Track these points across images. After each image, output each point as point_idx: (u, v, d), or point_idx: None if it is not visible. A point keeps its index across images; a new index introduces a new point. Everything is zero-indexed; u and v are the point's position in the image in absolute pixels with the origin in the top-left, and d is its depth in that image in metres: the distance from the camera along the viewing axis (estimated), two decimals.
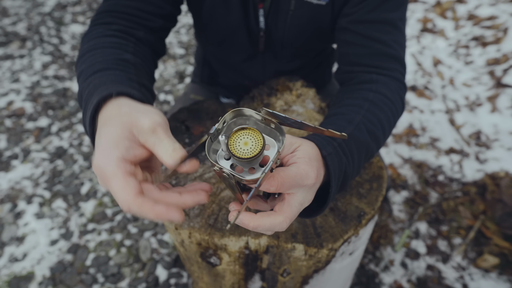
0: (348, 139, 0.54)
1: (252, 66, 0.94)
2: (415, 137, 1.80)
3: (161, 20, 0.71)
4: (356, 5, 0.71)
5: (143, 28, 0.68)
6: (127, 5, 0.67)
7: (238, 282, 0.76)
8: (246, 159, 0.37)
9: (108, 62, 0.56)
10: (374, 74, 0.68)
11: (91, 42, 0.61)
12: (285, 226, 0.43)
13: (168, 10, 0.72)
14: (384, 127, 0.62)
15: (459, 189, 1.55)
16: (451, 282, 1.28)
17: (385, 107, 0.63)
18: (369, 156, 0.60)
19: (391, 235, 1.42)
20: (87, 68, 0.56)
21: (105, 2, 0.69)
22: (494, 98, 1.87)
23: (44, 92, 2.17)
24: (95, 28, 0.65)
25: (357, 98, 0.64)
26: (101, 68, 0.55)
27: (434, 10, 2.53)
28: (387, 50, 0.69)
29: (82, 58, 0.59)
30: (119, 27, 0.65)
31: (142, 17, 0.68)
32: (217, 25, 0.81)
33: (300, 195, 0.44)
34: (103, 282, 1.33)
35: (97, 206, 1.58)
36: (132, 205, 0.38)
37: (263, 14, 0.79)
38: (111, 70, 0.54)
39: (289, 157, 0.45)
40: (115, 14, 0.66)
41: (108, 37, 0.62)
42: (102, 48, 0.59)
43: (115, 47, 0.60)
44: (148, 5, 0.68)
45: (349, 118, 0.59)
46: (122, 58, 0.58)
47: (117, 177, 0.39)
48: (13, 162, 1.77)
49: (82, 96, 0.53)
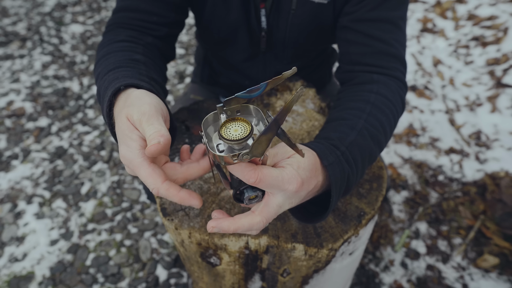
0: (352, 146, 0.55)
1: (253, 66, 0.93)
2: (415, 137, 1.80)
3: (166, 29, 0.74)
4: (357, 4, 0.71)
5: (150, 36, 0.72)
6: (132, 17, 0.71)
7: (238, 282, 0.76)
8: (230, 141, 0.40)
9: (121, 62, 0.60)
10: (375, 74, 0.68)
11: (105, 48, 0.66)
12: (262, 226, 0.45)
13: (172, 18, 0.74)
14: (386, 130, 0.62)
15: (459, 189, 1.55)
16: (451, 282, 1.28)
17: (387, 109, 0.63)
18: (372, 160, 0.60)
19: (391, 235, 1.42)
20: (102, 70, 0.60)
21: (113, 15, 0.74)
22: (494, 98, 1.87)
23: (44, 92, 2.17)
24: (106, 36, 0.71)
25: (359, 101, 0.64)
26: (114, 67, 0.59)
27: (434, 10, 2.53)
28: (388, 49, 0.69)
29: (98, 63, 0.64)
30: (128, 34, 0.70)
31: (147, 27, 0.72)
32: (219, 25, 0.82)
33: (280, 197, 0.45)
34: (103, 282, 1.33)
35: (97, 206, 1.58)
36: (160, 190, 0.44)
37: (265, 14, 0.79)
38: (123, 67, 0.59)
39: (281, 162, 0.46)
40: (123, 25, 0.71)
41: (119, 42, 0.67)
42: (115, 52, 0.64)
43: (126, 50, 0.65)
44: (152, 16, 0.72)
45: (352, 124, 0.59)
46: (133, 58, 0.63)
47: (144, 166, 0.44)
48: (13, 162, 1.77)
49: (100, 94, 0.58)
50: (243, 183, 0.45)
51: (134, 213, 1.54)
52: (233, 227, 0.44)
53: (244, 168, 0.42)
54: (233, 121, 0.42)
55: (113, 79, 0.55)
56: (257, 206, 0.46)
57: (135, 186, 1.65)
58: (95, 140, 1.88)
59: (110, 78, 0.56)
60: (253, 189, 0.46)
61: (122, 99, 0.51)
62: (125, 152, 0.46)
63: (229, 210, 0.66)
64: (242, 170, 0.42)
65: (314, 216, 0.54)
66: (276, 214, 0.46)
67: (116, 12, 0.74)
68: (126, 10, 0.72)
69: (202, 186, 0.70)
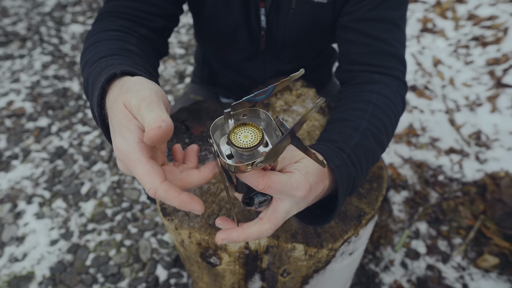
0: (357, 148, 0.55)
1: (253, 66, 0.93)
2: (415, 137, 1.80)
3: (162, 21, 0.71)
4: (357, 3, 0.71)
5: (145, 27, 0.69)
6: (128, 6, 0.68)
7: (238, 282, 0.76)
8: (241, 149, 0.39)
9: (113, 50, 0.56)
10: (375, 74, 0.68)
11: (95, 36, 0.62)
12: (270, 233, 0.45)
13: (169, 10, 0.72)
14: (388, 131, 0.62)
15: (459, 189, 1.55)
16: (451, 282, 1.28)
17: (388, 109, 0.63)
18: (375, 161, 0.60)
19: (391, 235, 1.42)
20: (92, 57, 0.55)
21: (106, 3, 0.70)
22: (494, 98, 1.87)
23: (44, 92, 2.17)
24: (97, 24, 0.66)
25: (361, 102, 0.64)
26: (107, 54, 0.54)
27: (434, 10, 2.53)
28: (388, 49, 0.69)
29: (87, 51, 0.59)
30: (121, 24, 0.66)
31: (144, 17, 0.69)
32: (218, 24, 0.81)
33: (288, 203, 0.45)
34: (103, 282, 1.33)
35: (97, 206, 1.58)
36: (158, 191, 0.38)
37: (264, 13, 0.79)
38: (117, 55, 0.54)
39: (288, 167, 0.46)
40: (117, 15, 0.68)
41: (112, 31, 0.63)
42: (106, 40, 0.60)
43: (119, 39, 0.61)
44: (149, 6, 0.69)
45: (355, 125, 0.59)
46: (127, 48, 0.59)
47: (141, 162, 0.39)
48: (13, 162, 1.77)
49: (88, 82, 0.52)
50: (252, 189, 0.44)
51: (134, 213, 1.54)
52: (242, 237, 0.43)
53: (252, 174, 0.41)
54: (243, 126, 0.40)
55: (106, 66, 0.50)
56: (265, 213, 0.45)
57: (135, 186, 1.65)
58: (95, 140, 1.88)
59: (103, 65, 0.51)
60: (263, 193, 0.45)
61: (117, 86, 0.45)
62: (121, 145, 0.40)
63: (229, 210, 0.66)
64: (251, 176, 0.41)
65: (319, 218, 0.53)
66: (284, 220, 0.45)
67: (109, 0, 0.69)
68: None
69: (202, 186, 0.70)
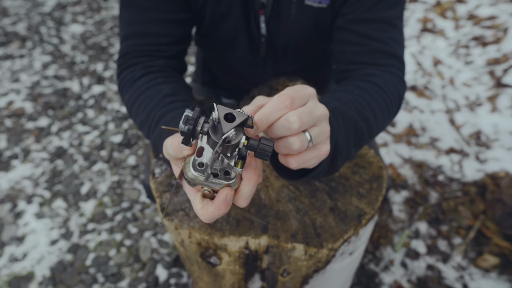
0: (334, 111, 0.53)
1: (253, 70, 0.94)
2: (415, 137, 1.80)
3: (175, 47, 0.75)
4: (353, 4, 0.71)
5: (161, 58, 0.73)
6: (142, 43, 0.72)
7: (238, 282, 0.76)
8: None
9: (159, 106, 0.62)
10: (369, 69, 0.68)
11: (130, 90, 0.68)
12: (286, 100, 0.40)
13: (180, 34, 0.74)
14: (376, 113, 0.60)
15: (459, 189, 1.55)
16: (451, 282, 1.28)
17: (376, 94, 0.62)
18: (358, 135, 0.56)
19: (391, 235, 1.42)
20: (146, 118, 0.63)
21: (122, 43, 0.74)
22: (494, 98, 1.87)
23: (44, 92, 2.17)
24: (124, 72, 0.72)
25: (347, 86, 0.64)
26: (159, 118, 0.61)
27: (434, 10, 2.53)
28: (383, 48, 0.69)
29: (133, 108, 0.67)
30: (142, 64, 0.71)
31: (159, 49, 0.72)
32: (218, 32, 0.82)
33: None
34: (103, 282, 1.33)
35: (97, 206, 1.58)
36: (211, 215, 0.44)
37: (264, 20, 0.79)
38: (166, 114, 0.60)
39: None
40: (135, 54, 0.72)
41: (140, 79, 0.69)
42: (145, 93, 0.66)
43: (151, 86, 0.67)
44: (161, 38, 0.72)
45: (337, 96, 0.59)
46: (163, 95, 0.64)
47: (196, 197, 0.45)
48: (13, 162, 1.77)
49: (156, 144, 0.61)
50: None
51: (134, 213, 1.54)
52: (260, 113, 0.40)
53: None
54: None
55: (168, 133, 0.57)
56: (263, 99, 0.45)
57: (135, 186, 1.65)
58: (95, 140, 1.88)
59: (165, 133, 0.58)
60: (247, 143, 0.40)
61: None
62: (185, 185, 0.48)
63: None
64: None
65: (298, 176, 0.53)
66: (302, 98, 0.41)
67: (124, 39, 0.73)
68: (134, 37, 0.72)
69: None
